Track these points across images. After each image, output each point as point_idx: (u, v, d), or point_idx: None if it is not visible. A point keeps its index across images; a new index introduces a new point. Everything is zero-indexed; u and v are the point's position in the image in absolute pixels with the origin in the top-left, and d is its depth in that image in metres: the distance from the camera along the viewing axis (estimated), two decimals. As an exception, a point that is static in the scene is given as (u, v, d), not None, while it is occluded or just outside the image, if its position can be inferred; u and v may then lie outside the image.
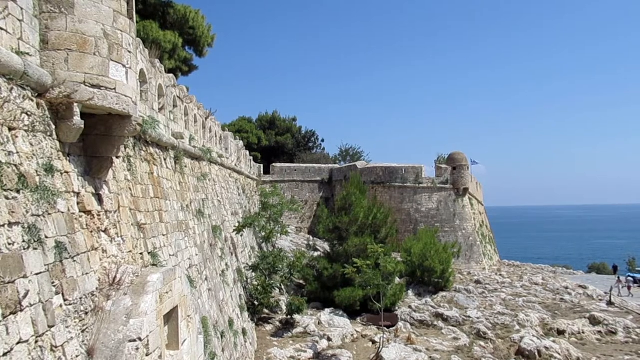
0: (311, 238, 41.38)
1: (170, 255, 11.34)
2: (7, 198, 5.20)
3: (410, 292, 31.47)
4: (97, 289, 6.82)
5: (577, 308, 30.38)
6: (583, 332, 25.39)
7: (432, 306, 28.81)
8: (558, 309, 30.28)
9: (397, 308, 27.91)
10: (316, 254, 31.88)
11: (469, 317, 26.96)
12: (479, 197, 56.95)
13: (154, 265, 9.52)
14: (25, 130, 5.91)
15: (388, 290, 25.71)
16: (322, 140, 72.57)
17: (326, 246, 32.68)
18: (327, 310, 26.06)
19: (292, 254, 28.65)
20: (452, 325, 25.86)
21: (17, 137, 5.70)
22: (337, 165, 56.42)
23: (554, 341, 22.71)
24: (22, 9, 6.13)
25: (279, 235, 31.28)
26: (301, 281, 29.59)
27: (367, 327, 24.96)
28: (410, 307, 28.39)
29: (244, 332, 18.53)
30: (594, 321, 26.71)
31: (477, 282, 36.72)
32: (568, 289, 36.40)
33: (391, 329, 24.55)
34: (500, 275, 42.42)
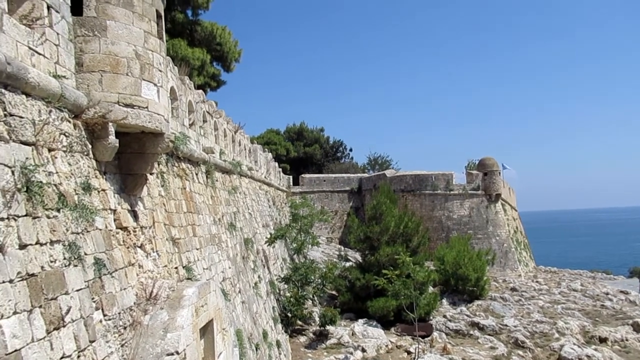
0: (342, 248, 41.28)
1: (204, 268, 11.49)
2: (48, 217, 5.37)
3: (444, 301, 31.01)
4: (134, 303, 6.96)
5: (619, 314, 29.39)
6: (626, 340, 24.53)
7: (467, 315, 28.31)
8: (599, 315, 29.36)
9: (431, 317, 27.53)
10: (348, 264, 31.77)
11: (506, 325, 26.38)
12: (512, 203, 55.92)
13: (188, 279, 9.66)
14: (64, 151, 6.10)
15: (421, 300, 25.40)
16: (350, 150, 72.66)
17: (357, 256, 32.55)
18: (361, 320, 25.89)
19: (324, 265, 28.62)
20: (489, 334, 25.34)
21: (56, 157, 5.89)
22: (366, 175, 56.28)
23: (595, 349, 22.01)
24: (58, 34, 6.36)
25: (310, 246, 31.31)
26: (333, 292, 29.51)
27: (401, 338, 24.67)
28: (445, 316, 27.97)
29: (278, 344, 18.56)
30: (637, 328, 25.80)
31: (513, 289, 35.93)
32: (609, 294, 35.26)
33: (426, 339, 24.21)
34: (537, 282, 41.42)
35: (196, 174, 13.19)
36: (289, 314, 22.36)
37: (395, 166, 65.64)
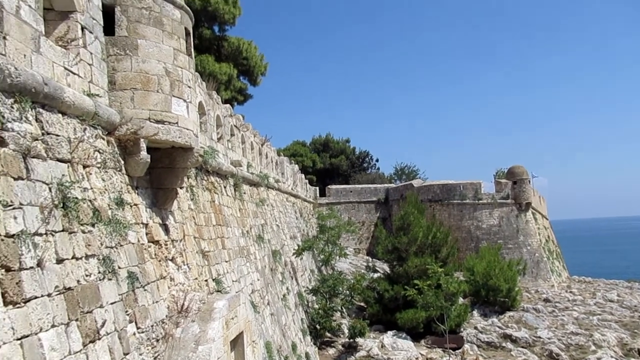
0: (370, 259, 41.02)
1: (233, 281, 11.58)
2: (83, 232, 5.51)
3: (475, 313, 30.46)
4: (166, 316, 7.06)
5: (659, 326, 28.40)
6: (667, 352, 23.66)
7: (499, 327, 27.75)
8: (637, 327, 28.41)
9: (462, 329, 27.06)
10: (376, 275, 31.54)
11: (540, 337, 25.75)
12: (543, 211, 54.80)
13: (218, 291, 9.75)
14: (98, 167, 6.27)
15: (451, 311, 25.02)
16: (377, 160, 72.25)
17: (386, 267, 32.28)
18: (390, 332, 25.62)
19: (352, 276, 28.46)
20: (522, 347, 24.77)
21: (90, 174, 6.06)
22: (392, 185, 55.96)
23: (634, 362, 21.30)
24: (91, 53, 6.57)
25: (337, 257, 31.22)
26: (362, 303, 29.31)
27: (432, 350, 24.31)
28: (476, 328, 27.47)
29: (307, 356, 18.51)
30: (678, 340, 24.86)
31: (546, 300, 35.09)
32: (647, 305, 34.13)
33: (457, 351, 23.80)
34: (571, 292, 40.38)
35: (224, 187, 13.34)
36: (318, 326, 22.28)
37: (422, 176, 65.12)
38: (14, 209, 4.43)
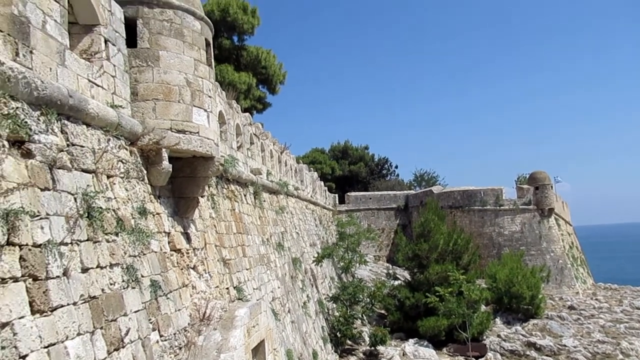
0: (390, 266, 40.76)
1: (254, 288, 11.61)
2: (107, 241, 5.59)
3: (498, 320, 30.02)
4: (188, 324, 7.12)
5: (689, 334, 27.63)
6: (698, 361, 23.01)
7: (522, 335, 27.30)
8: (666, 335, 27.69)
9: (484, 337, 26.68)
10: (396, 282, 31.33)
11: (565, 346, 25.26)
12: (566, 217, 53.89)
13: (239, 299, 9.79)
14: (121, 177, 6.37)
15: (474, 319, 24.71)
16: (396, 167, 71.91)
17: (406, 274, 32.07)
18: (411, 340, 25.39)
19: (372, 284, 28.31)
20: (547, 355, 24.31)
21: (114, 183, 6.15)
22: (412, 191, 55.62)
23: (664, 371, 20.75)
24: (114, 65, 6.69)
25: (357, 264, 31.11)
26: (383, 311, 29.12)
27: (454, 358, 24.02)
28: (499, 336, 27.06)
29: (328, 364, 18.44)
30: None
31: (571, 307, 34.43)
32: (676, 313, 33.25)
33: (480, 359, 23.48)
34: (596, 299, 39.55)
35: (245, 195, 13.42)
36: (339, 334, 22.19)
37: (442, 182, 64.60)
38: (40, 219, 4.53)
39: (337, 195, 50.56)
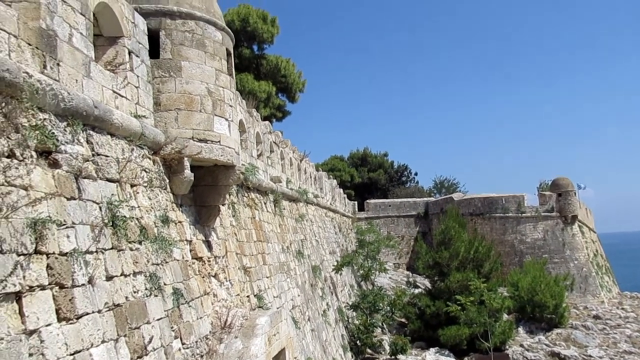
0: (410, 274, 40.47)
1: (274, 296, 11.63)
2: (131, 249, 5.67)
3: (520, 330, 29.54)
4: (210, 332, 7.15)
5: None
6: None
7: (546, 344, 26.80)
8: (696, 346, 26.93)
9: (507, 347, 26.26)
10: (417, 291, 31.06)
11: (590, 356, 24.72)
12: (590, 224, 52.94)
13: (260, 307, 9.81)
14: (144, 186, 6.46)
15: (496, 328, 24.35)
16: (416, 174, 71.66)
17: (427, 282, 31.77)
18: (432, 350, 25.12)
19: (392, 292, 28.11)
20: (571, 366, 23.83)
21: (137, 192, 6.24)
22: (432, 199, 55.22)
23: (694, 384, 20.17)
24: (138, 76, 6.81)
25: (377, 272, 30.93)
26: (403, 319, 28.88)
27: (476, 368, 23.68)
28: (522, 345, 26.61)
29: (349, 373, 18.34)
30: None
31: (596, 317, 33.71)
32: None
33: (503, 369, 23.10)
34: (623, 309, 38.68)
35: (265, 203, 13.48)
36: (359, 342, 22.06)
37: (463, 189, 63.98)
38: (67, 228, 4.61)
39: (356, 202, 50.46)
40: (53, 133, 4.73)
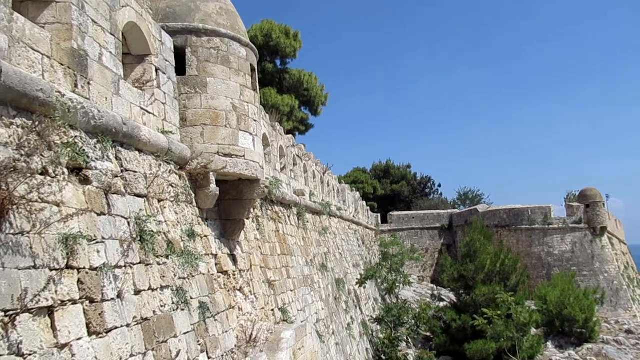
0: (435, 287, 39.97)
1: (298, 310, 11.61)
2: (158, 264, 5.74)
3: (549, 344, 28.87)
4: (235, 346, 7.17)
5: None
6: None
7: (576, 360, 26.14)
8: None
9: (536, 362, 25.67)
10: (442, 304, 30.67)
11: (623, 372, 24.01)
12: (620, 236, 51.66)
13: (284, 321, 9.80)
14: (171, 201, 6.55)
15: (524, 343, 23.83)
16: (439, 186, 70.97)
17: (452, 296, 31.36)
18: (459, 364, 24.72)
19: (417, 305, 27.79)
20: (604, 382, 23.15)
21: (164, 207, 6.33)
22: (456, 210, 54.63)
23: None
24: (165, 93, 6.94)
25: (401, 285, 30.64)
26: (428, 333, 28.50)
27: (504, 383, 23.16)
28: (551, 360, 26.00)
29: (374, 387, 18.13)
30: None
31: (628, 331, 32.75)
32: None
33: (532, 385, 22.56)
34: (656, 323, 37.50)
35: (288, 217, 13.52)
36: (383, 356, 21.80)
37: (487, 200, 63.18)
38: (97, 243, 4.70)
39: (379, 214, 50.22)
40: (84, 150, 4.84)
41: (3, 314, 3.48)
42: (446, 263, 30.14)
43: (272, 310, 9.56)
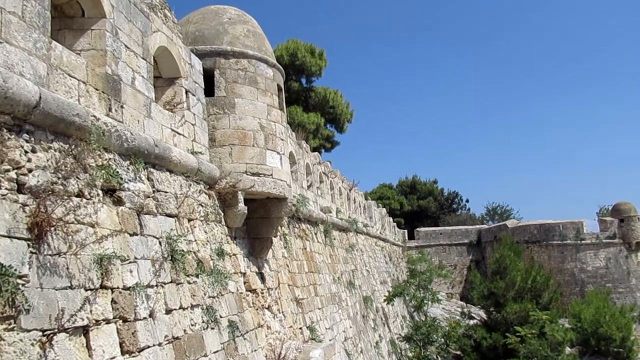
0: (464, 305, 39.29)
1: (326, 328, 11.55)
2: (189, 283, 5.81)
3: (585, 364, 28.00)
4: (264, 365, 7.17)
5: None
6: None
7: (614, 380, 25.24)
8: None
9: (571, 382, 24.88)
10: (472, 322, 30.12)
11: (664, 394, 23.06)
12: (657, 252, 50.01)
13: (312, 339, 9.76)
14: (201, 220, 6.65)
15: (558, 362, 23.17)
16: (467, 201, 70.01)
17: (482, 313, 30.77)
18: (490, 384, 24.13)
19: (446, 323, 27.33)
20: (643, 404, 22.27)
21: (194, 227, 6.43)
22: (485, 226, 53.82)
23: None
24: (194, 114, 7.09)
25: (430, 303, 30.20)
26: (458, 352, 27.95)
27: (538, 405, 22.49)
28: (587, 381, 25.16)
29: (403, 407, 17.82)
30: None
31: (668, 351, 31.52)
32: None
33: (567, 406, 21.86)
34: (698, 342, 36.02)
35: (315, 234, 13.53)
36: (413, 375, 21.46)
37: (516, 216, 62.07)
38: (130, 263, 4.79)
39: (406, 230, 49.81)
40: (117, 172, 4.97)
41: (41, 333, 3.57)
42: (475, 280, 29.67)
43: (300, 328, 9.54)
